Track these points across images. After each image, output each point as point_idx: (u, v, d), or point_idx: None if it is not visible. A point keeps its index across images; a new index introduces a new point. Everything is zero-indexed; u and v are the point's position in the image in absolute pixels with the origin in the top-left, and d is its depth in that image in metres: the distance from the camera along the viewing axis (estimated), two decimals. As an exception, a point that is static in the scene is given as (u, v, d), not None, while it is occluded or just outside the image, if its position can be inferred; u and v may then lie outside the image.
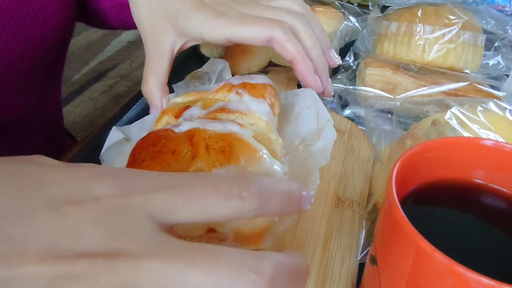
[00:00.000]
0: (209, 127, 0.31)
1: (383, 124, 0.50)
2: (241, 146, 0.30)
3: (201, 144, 0.30)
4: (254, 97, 0.42)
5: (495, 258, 0.26)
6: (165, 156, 0.29)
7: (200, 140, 0.30)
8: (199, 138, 0.30)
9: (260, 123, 0.39)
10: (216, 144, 0.30)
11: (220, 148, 0.30)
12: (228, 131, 0.31)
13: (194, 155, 0.29)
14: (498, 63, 0.65)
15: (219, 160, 0.29)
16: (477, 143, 0.30)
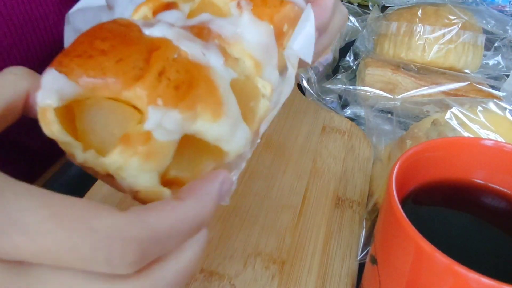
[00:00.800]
0: (184, 45, 0.23)
1: (383, 124, 0.50)
2: (204, 91, 0.23)
3: (156, 66, 0.22)
4: (257, 17, 0.30)
5: (495, 258, 0.26)
6: (106, 61, 0.22)
7: (159, 60, 0.23)
8: (160, 55, 0.23)
9: (246, 60, 0.28)
10: (175, 74, 0.23)
11: (177, 81, 0.22)
12: (203, 62, 0.23)
13: (140, 76, 0.22)
14: (498, 63, 0.65)
15: (166, 96, 0.22)
16: (477, 143, 0.30)
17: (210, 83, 0.23)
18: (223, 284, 0.35)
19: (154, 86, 0.22)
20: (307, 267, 0.37)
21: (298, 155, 0.48)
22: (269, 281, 0.35)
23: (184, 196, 0.20)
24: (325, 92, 0.59)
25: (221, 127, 0.23)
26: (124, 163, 0.22)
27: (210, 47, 0.25)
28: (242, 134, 0.25)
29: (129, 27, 0.24)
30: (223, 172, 0.22)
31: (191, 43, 0.24)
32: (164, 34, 0.24)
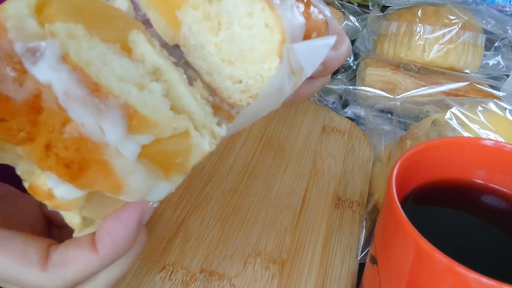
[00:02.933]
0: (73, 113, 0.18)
1: (383, 124, 0.50)
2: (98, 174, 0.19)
3: (42, 138, 0.19)
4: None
5: (495, 258, 0.26)
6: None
7: (44, 131, 0.19)
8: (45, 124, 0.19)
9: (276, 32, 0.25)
10: (63, 152, 0.19)
11: (66, 160, 0.19)
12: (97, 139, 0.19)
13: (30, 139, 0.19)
14: (498, 63, 0.65)
15: (58, 171, 0.19)
16: (477, 143, 0.30)
17: (104, 166, 0.20)
18: (223, 284, 0.35)
19: (43, 159, 0.20)
20: (307, 267, 0.37)
21: (298, 155, 0.48)
22: (269, 281, 0.35)
23: (100, 248, 0.23)
24: (325, 92, 0.59)
25: (126, 198, 0.21)
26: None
27: (108, 113, 0.19)
28: (161, 191, 0.22)
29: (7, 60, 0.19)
30: (141, 205, 0.23)
31: (81, 109, 0.19)
32: (49, 81, 0.18)
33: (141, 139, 0.20)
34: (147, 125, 0.19)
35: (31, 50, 0.18)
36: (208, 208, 0.41)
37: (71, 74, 0.18)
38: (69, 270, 0.23)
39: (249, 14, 0.26)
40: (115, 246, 0.23)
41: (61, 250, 0.23)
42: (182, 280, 0.35)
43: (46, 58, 0.18)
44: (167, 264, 0.36)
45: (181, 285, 0.35)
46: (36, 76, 0.18)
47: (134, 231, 0.23)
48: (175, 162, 0.21)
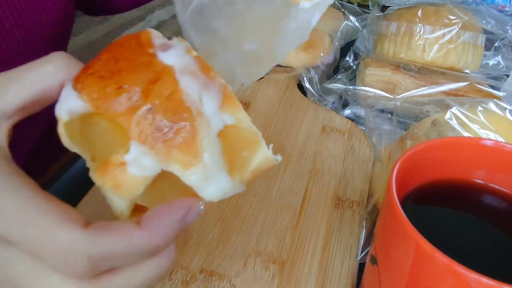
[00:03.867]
0: (184, 83, 0.24)
1: (383, 124, 0.50)
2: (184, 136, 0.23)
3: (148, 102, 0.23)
4: None
5: (495, 258, 0.26)
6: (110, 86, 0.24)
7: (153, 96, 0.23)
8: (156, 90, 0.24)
9: None
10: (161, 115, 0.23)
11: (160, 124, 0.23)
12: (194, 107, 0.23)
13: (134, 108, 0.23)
14: (498, 63, 0.65)
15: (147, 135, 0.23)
16: (477, 143, 0.30)
17: (192, 131, 0.23)
18: (223, 284, 0.35)
19: (139, 122, 0.23)
20: (307, 267, 0.37)
21: (298, 155, 0.48)
22: (269, 281, 0.35)
23: (144, 224, 0.22)
24: (325, 92, 0.59)
25: (193, 176, 0.24)
26: (101, 185, 0.24)
27: (211, 88, 0.24)
28: (220, 185, 0.25)
29: (144, 47, 0.25)
30: (190, 201, 0.24)
31: (191, 82, 0.24)
32: (173, 63, 0.24)
33: (227, 118, 0.24)
34: (234, 107, 0.24)
35: (165, 44, 0.25)
36: (208, 208, 0.41)
37: (192, 58, 0.24)
38: (110, 237, 0.21)
39: None
40: (159, 228, 0.22)
41: (105, 222, 0.22)
42: (182, 280, 0.35)
43: (176, 48, 0.25)
44: (167, 264, 0.36)
45: (181, 285, 0.35)
46: (163, 59, 0.24)
47: (178, 223, 0.23)
48: (241, 155, 0.25)
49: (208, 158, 0.24)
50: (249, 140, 0.26)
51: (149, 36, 0.25)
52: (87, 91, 0.24)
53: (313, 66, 0.62)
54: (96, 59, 0.25)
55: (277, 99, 0.57)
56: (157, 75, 0.24)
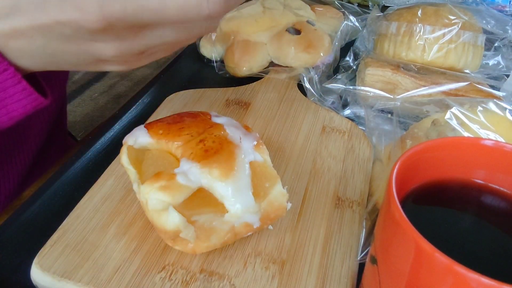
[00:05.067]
0: (229, 130, 0.34)
1: (383, 124, 0.50)
2: (224, 157, 0.31)
3: (201, 136, 0.33)
4: None
5: (495, 258, 0.26)
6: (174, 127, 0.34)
7: (206, 133, 0.33)
8: (208, 131, 0.33)
9: None
10: (210, 143, 0.32)
11: (209, 147, 0.32)
12: (236, 142, 0.33)
13: (189, 140, 0.33)
14: (498, 63, 0.65)
15: (196, 154, 0.32)
16: (477, 143, 0.30)
17: (231, 154, 0.32)
18: (223, 284, 0.35)
19: (192, 147, 0.32)
20: (307, 267, 0.37)
21: (298, 155, 0.48)
22: (269, 281, 0.35)
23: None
24: (325, 92, 0.59)
25: (226, 187, 0.30)
26: (150, 190, 0.30)
27: (249, 135, 0.35)
28: (246, 201, 0.31)
29: (204, 114, 0.37)
30: None
31: (235, 130, 0.34)
32: (223, 122, 0.35)
33: (257, 156, 0.34)
34: (264, 151, 0.35)
35: (218, 115, 0.38)
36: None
37: (236, 122, 0.37)
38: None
39: None
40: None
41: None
42: (182, 280, 0.35)
43: (227, 117, 0.37)
44: (167, 264, 0.36)
45: (181, 285, 0.35)
46: (215, 120, 0.36)
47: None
48: (264, 185, 0.33)
49: (240, 175, 0.31)
50: (271, 176, 0.34)
51: (207, 112, 0.37)
52: (155, 129, 0.34)
53: (313, 66, 0.62)
54: (170, 116, 0.37)
55: (277, 99, 0.57)
56: (210, 124, 0.34)
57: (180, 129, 0.33)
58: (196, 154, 0.31)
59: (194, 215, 0.32)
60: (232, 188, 0.30)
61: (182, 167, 0.31)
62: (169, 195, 0.30)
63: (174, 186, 0.30)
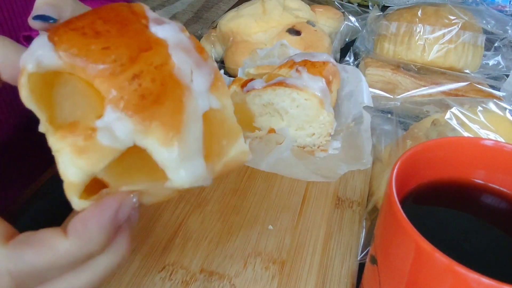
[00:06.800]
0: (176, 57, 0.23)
1: (383, 124, 0.50)
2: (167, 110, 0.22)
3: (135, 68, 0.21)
4: (312, 74, 0.46)
5: (495, 258, 0.26)
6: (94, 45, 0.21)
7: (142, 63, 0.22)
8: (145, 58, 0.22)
9: (313, 99, 0.44)
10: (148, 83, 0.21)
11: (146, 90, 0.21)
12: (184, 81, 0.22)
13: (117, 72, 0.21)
14: (498, 63, 0.65)
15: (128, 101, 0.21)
16: (477, 143, 0.30)
17: (178, 105, 0.22)
18: (223, 284, 0.35)
19: (122, 87, 0.21)
20: (307, 267, 0.37)
21: (298, 155, 0.48)
22: (269, 281, 0.35)
23: (70, 232, 0.21)
24: (325, 92, 0.59)
25: (169, 154, 0.21)
26: (61, 149, 0.22)
27: (203, 67, 0.23)
28: (194, 170, 0.22)
29: (138, 17, 0.23)
30: (118, 198, 0.22)
31: (184, 57, 0.23)
32: (166, 37, 0.23)
33: (213, 101, 0.23)
34: (223, 92, 0.24)
35: (159, 19, 0.24)
36: (208, 208, 0.41)
37: (186, 37, 0.24)
38: (31, 251, 0.20)
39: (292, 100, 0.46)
40: (86, 234, 0.21)
41: (30, 233, 0.21)
42: (182, 280, 0.35)
43: (170, 25, 0.23)
44: (167, 264, 0.36)
45: (181, 285, 0.35)
46: (156, 32, 0.23)
47: (108, 223, 0.21)
48: (221, 142, 0.24)
49: (189, 137, 0.22)
50: (230, 129, 0.24)
51: (142, 8, 0.24)
52: (65, 46, 0.21)
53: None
54: (81, 15, 0.22)
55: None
56: (148, 44, 0.22)
57: (104, 49, 0.21)
58: (128, 100, 0.21)
59: (124, 184, 0.23)
60: (177, 155, 0.22)
61: (107, 117, 0.21)
62: (85, 162, 0.21)
63: (91, 150, 0.21)
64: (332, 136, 0.48)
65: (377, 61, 0.60)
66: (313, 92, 0.44)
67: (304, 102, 0.45)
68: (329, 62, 0.48)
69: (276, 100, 0.46)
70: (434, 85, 0.56)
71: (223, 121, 0.24)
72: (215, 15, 0.85)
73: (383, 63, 0.59)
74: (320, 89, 0.45)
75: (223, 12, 0.79)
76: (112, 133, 0.21)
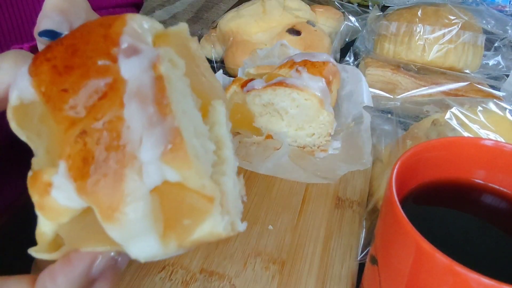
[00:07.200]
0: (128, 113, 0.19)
1: (383, 124, 0.50)
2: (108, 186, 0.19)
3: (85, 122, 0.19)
4: (312, 74, 0.46)
5: (495, 258, 0.26)
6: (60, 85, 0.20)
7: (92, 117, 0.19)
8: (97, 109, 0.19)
9: (313, 99, 0.44)
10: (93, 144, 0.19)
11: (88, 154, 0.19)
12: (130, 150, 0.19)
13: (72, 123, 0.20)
14: (498, 63, 0.65)
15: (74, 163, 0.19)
16: (477, 143, 0.30)
17: (118, 179, 0.19)
18: (223, 284, 0.35)
19: (71, 143, 0.19)
20: (307, 267, 0.37)
21: (298, 155, 0.48)
22: (269, 281, 0.35)
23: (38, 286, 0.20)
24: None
25: (110, 232, 0.19)
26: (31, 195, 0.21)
27: (158, 128, 0.19)
28: (146, 247, 0.20)
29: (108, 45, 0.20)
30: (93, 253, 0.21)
31: (138, 112, 0.19)
32: (129, 77, 0.20)
33: (169, 173, 0.19)
34: (182, 161, 0.19)
35: (132, 47, 0.20)
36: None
37: (152, 79, 0.19)
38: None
39: (292, 100, 0.46)
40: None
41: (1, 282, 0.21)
42: (182, 280, 0.35)
43: (141, 58, 0.20)
44: (167, 264, 0.36)
45: (181, 285, 0.35)
46: (121, 68, 0.19)
47: (79, 278, 0.20)
48: (182, 222, 0.20)
49: (131, 215, 0.19)
50: (194, 207, 0.20)
51: (120, 29, 0.20)
52: (37, 81, 0.20)
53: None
54: (60, 40, 0.21)
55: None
56: (107, 88, 0.19)
57: (63, 91, 0.20)
58: (73, 160, 0.19)
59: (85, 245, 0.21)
60: (118, 233, 0.19)
61: (59, 176, 0.19)
62: (46, 217, 0.20)
63: (49, 207, 0.20)
64: (332, 136, 0.48)
65: (377, 61, 0.60)
66: (313, 92, 0.44)
67: (304, 102, 0.45)
68: (329, 62, 0.48)
69: (276, 100, 0.46)
70: (434, 85, 0.56)
71: (182, 198, 0.20)
72: (215, 15, 0.85)
73: (383, 63, 0.59)
74: (320, 89, 0.45)
75: (223, 12, 0.79)
76: (65, 192, 0.19)
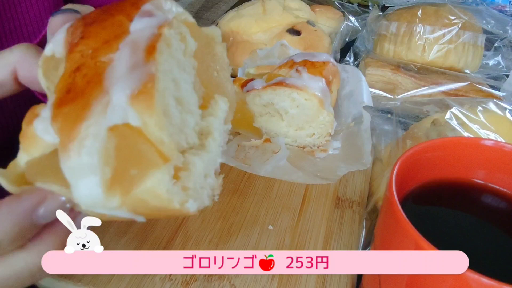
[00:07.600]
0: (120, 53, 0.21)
1: (383, 124, 0.50)
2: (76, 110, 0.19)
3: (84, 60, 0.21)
4: (312, 74, 0.46)
5: (495, 258, 0.26)
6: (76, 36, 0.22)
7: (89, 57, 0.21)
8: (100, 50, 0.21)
9: (313, 99, 0.44)
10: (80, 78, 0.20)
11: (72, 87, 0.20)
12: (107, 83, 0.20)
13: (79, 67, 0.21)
14: (498, 63, 0.65)
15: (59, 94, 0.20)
16: (477, 143, 0.30)
17: (83, 110, 0.19)
18: (223, 284, 0.35)
19: (65, 77, 0.21)
20: (307, 267, 0.37)
21: (298, 155, 0.48)
22: (269, 281, 0.35)
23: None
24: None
25: (64, 164, 0.19)
26: None
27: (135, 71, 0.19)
28: (88, 189, 0.19)
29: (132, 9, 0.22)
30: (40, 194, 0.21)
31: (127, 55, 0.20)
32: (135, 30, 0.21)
33: (131, 115, 0.18)
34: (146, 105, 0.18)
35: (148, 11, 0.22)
36: (208, 208, 0.41)
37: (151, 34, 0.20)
38: None
39: (292, 100, 0.46)
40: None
41: None
42: (182, 280, 0.35)
43: (152, 19, 0.21)
44: (167, 264, 0.36)
45: (181, 285, 0.35)
46: (132, 24, 0.21)
47: (23, 214, 0.20)
48: (129, 172, 0.19)
49: (82, 150, 0.18)
50: (145, 157, 0.19)
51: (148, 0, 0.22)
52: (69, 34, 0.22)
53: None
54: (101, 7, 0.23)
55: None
56: (113, 37, 0.21)
57: (81, 38, 0.21)
58: (59, 93, 0.20)
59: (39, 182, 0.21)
60: (69, 170, 0.19)
61: (47, 107, 0.20)
62: (23, 145, 0.21)
63: (28, 137, 0.21)
64: (332, 136, 0.48)
65: (377, 61, 0.60)
66: (313, 92, 0.44)
67: (304, 102, 0.45)
68: (329, 62, 0.48)
69: (276, 100, 0.46)
70: (434, 85, 0.56)
71: (136, 144, 0.19)
72: (215, 15, 0.85)
73: (383, 63, 0.59)
74: (320, 89, 0.45)
75: (223, 12, 0.79)
76: (47, 125, 0.20)
